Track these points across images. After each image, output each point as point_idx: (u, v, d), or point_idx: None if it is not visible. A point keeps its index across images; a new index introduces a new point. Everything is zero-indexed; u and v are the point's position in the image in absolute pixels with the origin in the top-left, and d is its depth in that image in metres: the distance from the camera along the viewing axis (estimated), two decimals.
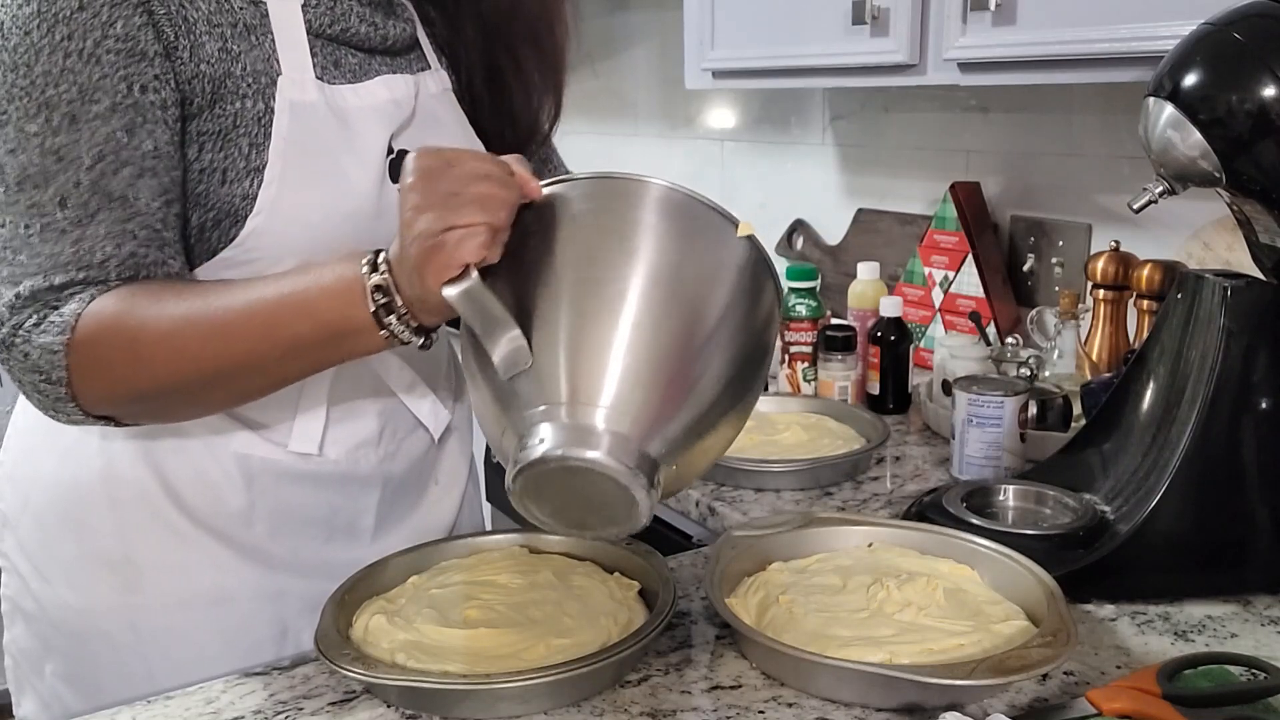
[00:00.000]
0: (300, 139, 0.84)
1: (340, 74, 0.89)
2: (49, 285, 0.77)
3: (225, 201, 0.83)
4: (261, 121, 0.83)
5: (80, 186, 0.77)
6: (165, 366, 0.79)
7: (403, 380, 0.98)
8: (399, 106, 0.92)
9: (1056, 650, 0.74)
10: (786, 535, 0.96)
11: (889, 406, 1.53)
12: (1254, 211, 0.93)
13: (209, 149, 0.82)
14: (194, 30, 0.80)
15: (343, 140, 0.87)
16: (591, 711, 0.78)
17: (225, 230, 0.84)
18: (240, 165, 0.83)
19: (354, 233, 0.86)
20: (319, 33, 0.88)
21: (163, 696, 0.81)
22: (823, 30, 1.53)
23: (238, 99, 0.82)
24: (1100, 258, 1.49)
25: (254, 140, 0.83)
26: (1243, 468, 0.94)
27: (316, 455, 0.93)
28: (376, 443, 0.97)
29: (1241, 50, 0.86)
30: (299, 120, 0.84)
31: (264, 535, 0.93)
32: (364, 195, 0.87)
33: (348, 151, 0.87)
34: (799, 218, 2.19)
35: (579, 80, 1.24)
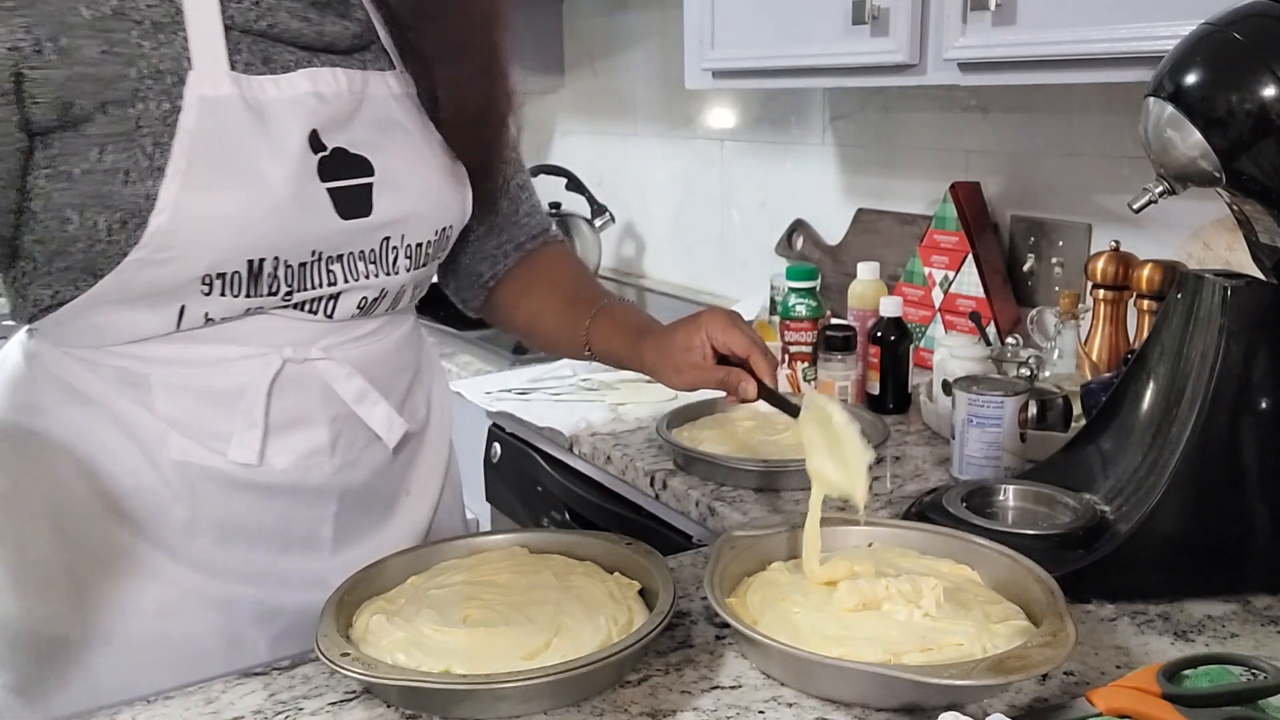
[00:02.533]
0: (209, 134, 0.82)
1: (269, 70, 0.87)
2: None
3: (129, 202, 0.81)
4: (167, 121, 0.81)
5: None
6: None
7: (351, 389, 0.95)
8: (324, 100, 0.88)
9: (1056, 650, 0.74)
10: (786, 535, 0.96)
11: (889, 406, 1.53)
12: (1254, 211, 0.93)
13: (111, 150, 0.81)
14: (69, 34, 0.78)
15: (258, 134, 0.84)
16: (591, 711, 0.78)
17: (131, 231, 0.82)
18: (143, 165, 0.81)
19: (273, 230, 0.85)
20: (246, 28, 0.86)
21: (162, 697, 0.81)
22: (823, 30, 1.53)
23: (139, 100, 0.81)
24: (1100, 258, 1.49)
25: (158, 140, 0.81)
26: (1243, 468, 0.94)
27: (257, 465, 0.91)
28: (330, 452, 0.95)
29: (1241, 50, 0.86)
30: (209, 115, 0.82)
31: (210, 545, 0.91)
32: (280, 190, 0.85)
33: (263, 146, 0.84)
34: (799, 218, 2.19)
35: (579, 80, 1.24)
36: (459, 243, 1.11)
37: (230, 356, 0.90)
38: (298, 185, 0.86)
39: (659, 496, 1.34)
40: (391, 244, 0.95)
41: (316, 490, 0.95)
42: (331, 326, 0.94)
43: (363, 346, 0.97)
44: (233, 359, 0.90)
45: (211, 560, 0.91)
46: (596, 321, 1.10)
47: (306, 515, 0.95)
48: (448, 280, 1.19)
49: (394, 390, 1.01)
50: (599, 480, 1.50)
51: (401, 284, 0.98)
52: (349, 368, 0.95)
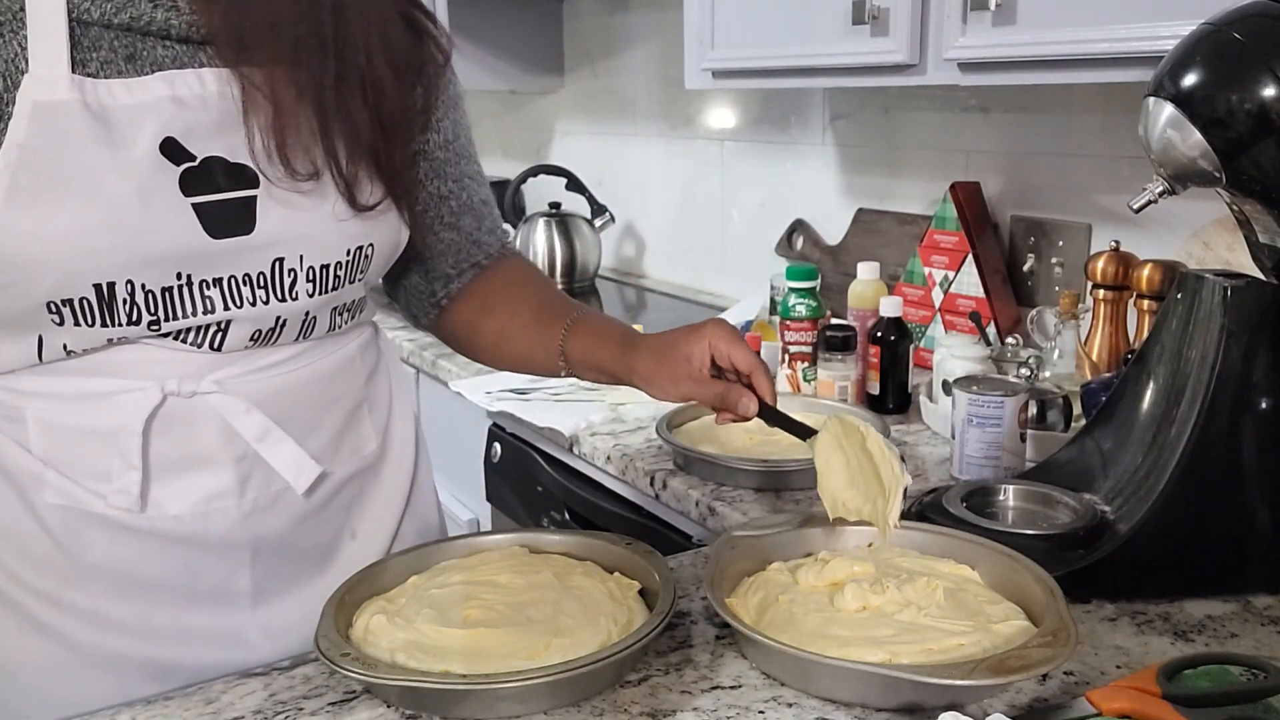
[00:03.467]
0: (41, 145, 0.74)
1: (132, 69, 0.77)
2: None
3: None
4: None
5: None
6: None
7: (251, 425, 0.86)
8: (183, 105, 0.78)
9: (1056, 650, 0.74)
10: (786, 535, 0.96)
11: (889, 406, 1.53)
12: (1254, 211, 0.93)
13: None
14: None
15: (99, 142, 0.75)
16: (591, 711, 0.78)
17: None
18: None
19: (121, 250, 0.76)
20: (105, 22, 0.77)
21: (162, 697, 0.81)
22: (823, 30, 1.53)
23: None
24: (1100, 258, 1.49)
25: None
26: (1243, 468, 0.94)
27: (139, 511, 0.83)
28: (236, 495, 0.86)
29: (1241, 50, 0.86)
30: (42, 123, 0.74)
31: (101, 597, 0.84)
32: (122, 204, 0.76)
33: (105, 155, 0.75)
34: (799, 218, 2.19)
35: (579, 80, 1.23)
36: (409, 260, 1.03)
37: (105, 390, 0.82)
38: (149, 199, 0.77)
39: (659, 496, 1.34)
40: (287, 266, 0.84)
41: (222, 539, 0.86)
42: (225, 359, 0.85)
43: (267, 379, 0.87)
44: (108, 393, 0.82)
45: (101, 613, 0.84)
46: (573, 333, 1.02)
47: (214, 566, 0.87)
48: (396, 294, 1.10)
49: (321, 425, 0.92)
50: (599, 480, 1.50)
51: (305, 310, 0.87)
52: (246, 402, 0.85)
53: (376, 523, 0.99)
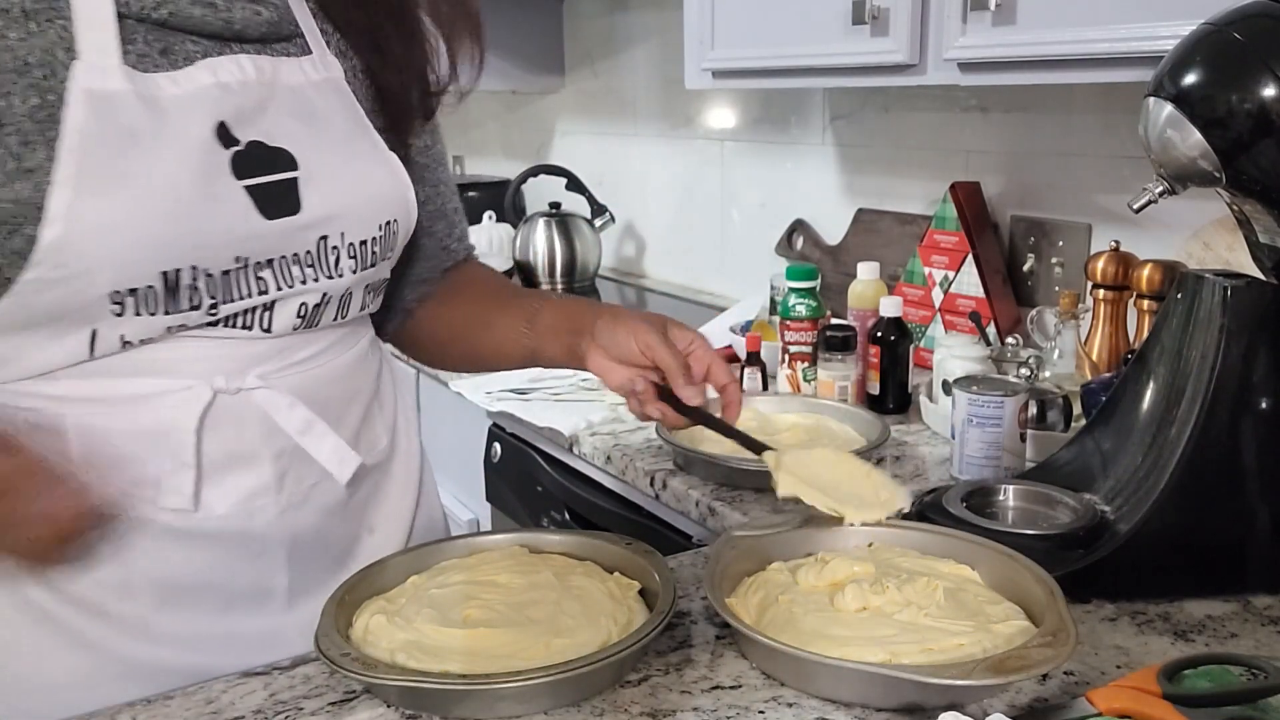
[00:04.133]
0: (101, 134, 0.74)
1: (167, 62, 0.78)
2: None
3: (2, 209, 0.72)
4: (36, 118, 0.73)
5: None
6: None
7: (295, 420, 0.87)
8: (228, 91, 0.80)
9: (1056, 650, 0.74)
10: (786, 535, 0.96)
11: (889, 406, 1.53)
12: (1254, 211, 0.93)
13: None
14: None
15: (156, 132, 0.76)
16: (591, 711, 0.78)
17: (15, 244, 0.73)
18: (10, 167, 0.72)
19: (186, 237, 0.77)
20: (142, 16, 0.78)
21: (162, 697, 0.81)
22: (823, 30, 1.53)
23: (3, 95, 0.72)
24: (1100, 258, 1.49)
25: (26, 138, 0.73)
26: (1243, 468, 0.94)
27: (193, 511, 0.82)
28: (275, 492, 0.86)
29: (1241, 50, 0.86)
30: (100, 113, 0.74)
31: (148, 608, 0.83)
32: (179, 192, 0.76)
33: (163, 144, 0.76)
34: (799, 218, 2.19)
35: (579, 80, 1.23)
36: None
37: (153, 391, 0.81)
38: (208, 185, 0.78)
39: (659, 496, 1.34)
40: (330, 243, 0.86)
41: (262, 536, 0.86)
42: (268, 350, 0.86)
43: (306, 371, 0.88)
44: (156, 394, 0.81)
45: (147, 623, 0.83)
46: (544, 310, 1.02)
47: (253, 566, 0.87)
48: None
49: (345, 420, 0.93)
50: (599, 480, 1.50)
51: (347, 287, 0.89)
52: (290, 396, 0.86)
53: (392, 518, 0.99)
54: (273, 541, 0.88)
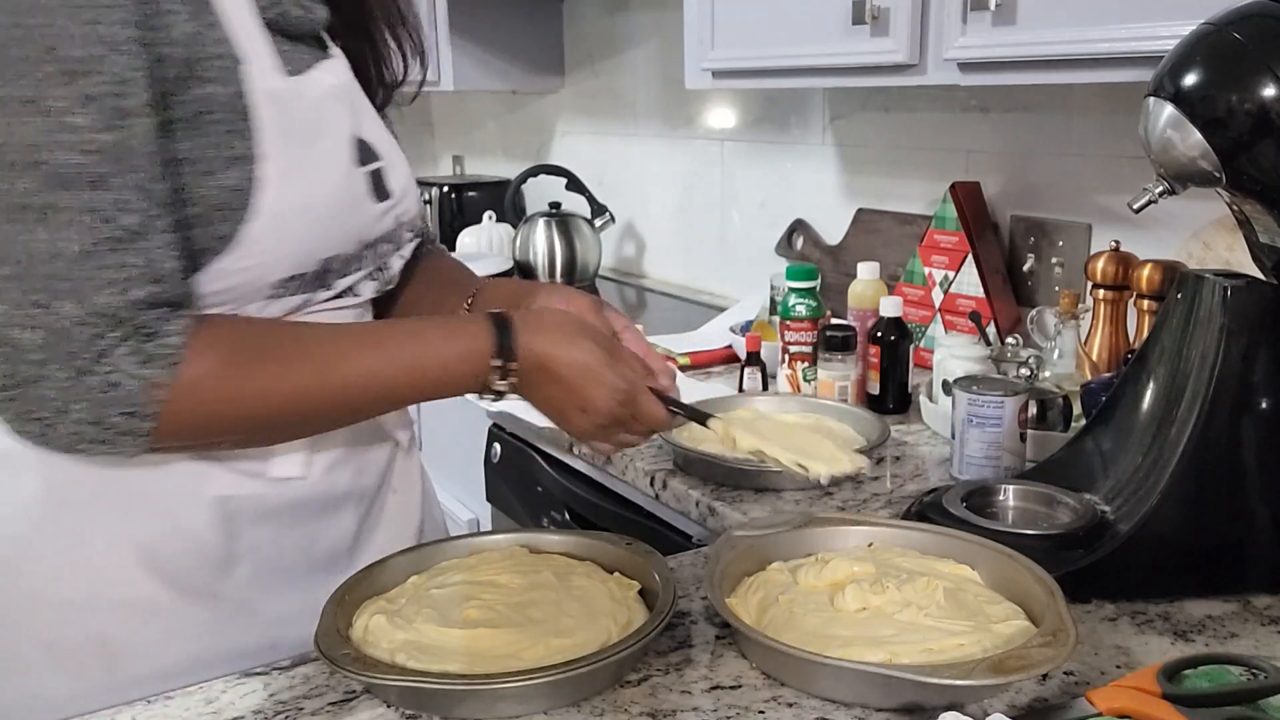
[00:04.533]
0: (285, 130, 0.79)
1: (288, 62, 0.82)
2: (126, 301, 0.70)
3: (210, 194, 0.76)
4: (235, 108, 0.76)
5: (136, 190, 0.71)
6: (275, 425, 0.80)
7: None
8: (345, 91, 0.87)
9: (1056, 650, 0.74)
10: (786, 535, 0.96)
11: (889, 406, 1.53)
12: (1254, 211, 0.93)
13: (183, 138, 0.75)
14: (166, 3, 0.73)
15: (315, 129, 0.82)
16: (591, 711, 0.78)
17: (212, 228, 0.76)
18: (215, 155, 0.76)
19: (335, 224, 0.83)
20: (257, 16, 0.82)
21: (163, 696, 0.81)
22: (823, 30, 1.53)
23: (203, 83, 0.75)
24: (1100, 258, 1.49)
25: (231, 127, 0.76)
26: (1243, 468, 0.94)
27: (300, 479, 0.88)
28: (348, 455, 0.92)
29: (1241, 50, 0.86)
30: (280, 110, 0.79)
31: (246, 582, 0.87)
32: (339, 185, 0.83)
33: (326, 140, 0.83)
34: (799, 218, 2.19)
35: (579, 80, 1.23)
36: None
37: None
38: (351, 176, 0.85)
39: (659, 496, 1.34)
40: (400, 221, 0.94)
41: (341, 498, 0.93)
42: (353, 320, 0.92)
43: None
44: None
45: (247, 599, 0.87)
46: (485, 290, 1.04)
47: (331, 529, 0.92)
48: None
49: None
50: (599, 480, 1.50)
51: (403, 256, 0.97)
52: None
53: (406, 479, 1.03)
54: (347, 502, 0.94)
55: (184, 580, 0.85)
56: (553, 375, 0.83)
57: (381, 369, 0.80)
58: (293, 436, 0.85)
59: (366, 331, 0.84)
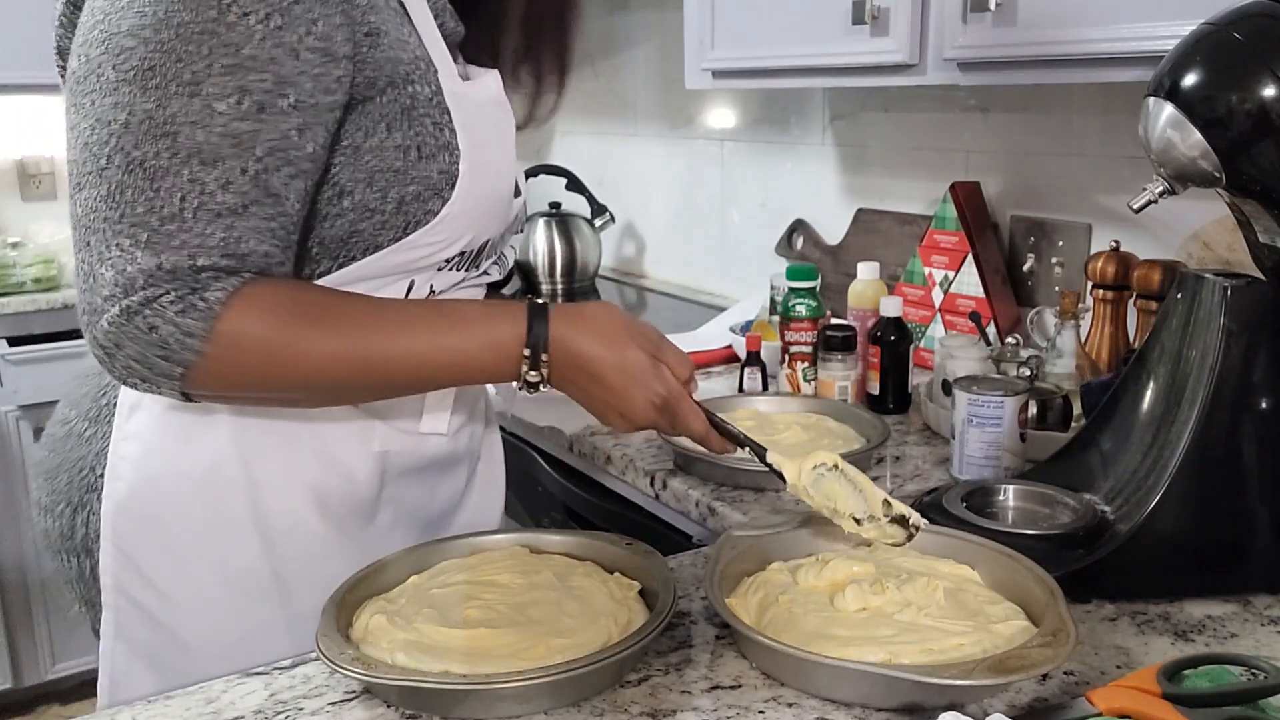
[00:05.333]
0: (471, 127, 0.89)
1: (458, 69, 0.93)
2: (193, 265, 0.77)
3: (424, 175, 0.86)
4: (433, 103, 0.87)
5: (245, 175, 0.78)
6: (301, 379, 0.82)
7: None
8: (504, 98, 0.97)
9: (1056, 650, 0.74)
10: (786, 535, 0.96)
11: (889, 406, 1.53)
12: (1254, 211, 0.93)
13: (398, 129, 0.85)
14: (380, 15, 0.84)
15: (490, 126, 0.92)
16: (591, 711, 0.78)
17: (424, 203, 0.86)
18: (432, 142, 0.86)
19: (497, 211, 0.93)
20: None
21: (163, 696, 0.81)
22: (823, 30, 1.53)
23: (410, 83, 0.86)
24: (1100, 258, 1.49)
25: (436, 120, 0.87)
26: (1243, 468, 0.94)
27: (446, 436, 0.97)
28: (468, 420, 1.02)
29: (1241, 50, 0.86)
30: (464, 110, 0.89)
31: (382, 529, 0.96)
32: (506, 177, 0.93)
33: (502, 138, 0.94)
34: (799, 218, 2.19)
35: (579, 80, 1.23)
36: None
37: None
38: (512, 170, 0.95)
39: (659, 496, 1.34)
40: (519, 218, 1.03)
41: (460, 457, 1.02)
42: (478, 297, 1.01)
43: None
44: None
45: (383, 546, 0.94)
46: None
47: (447, 486, 1.02)
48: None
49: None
50: (599, 480, 1.50)
51: (513, 251, 1.07)
52: None
53: (491, 446, 1.12)
54: (462, 462, 1.03)
55: (344, 523, 0.94)
56: (591, 375, 0.86)
57: (415, 347, 0.83)
58: (328, 402, 0.89)
59: (409, 308, 0.86)
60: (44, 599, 2.63)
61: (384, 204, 0.85)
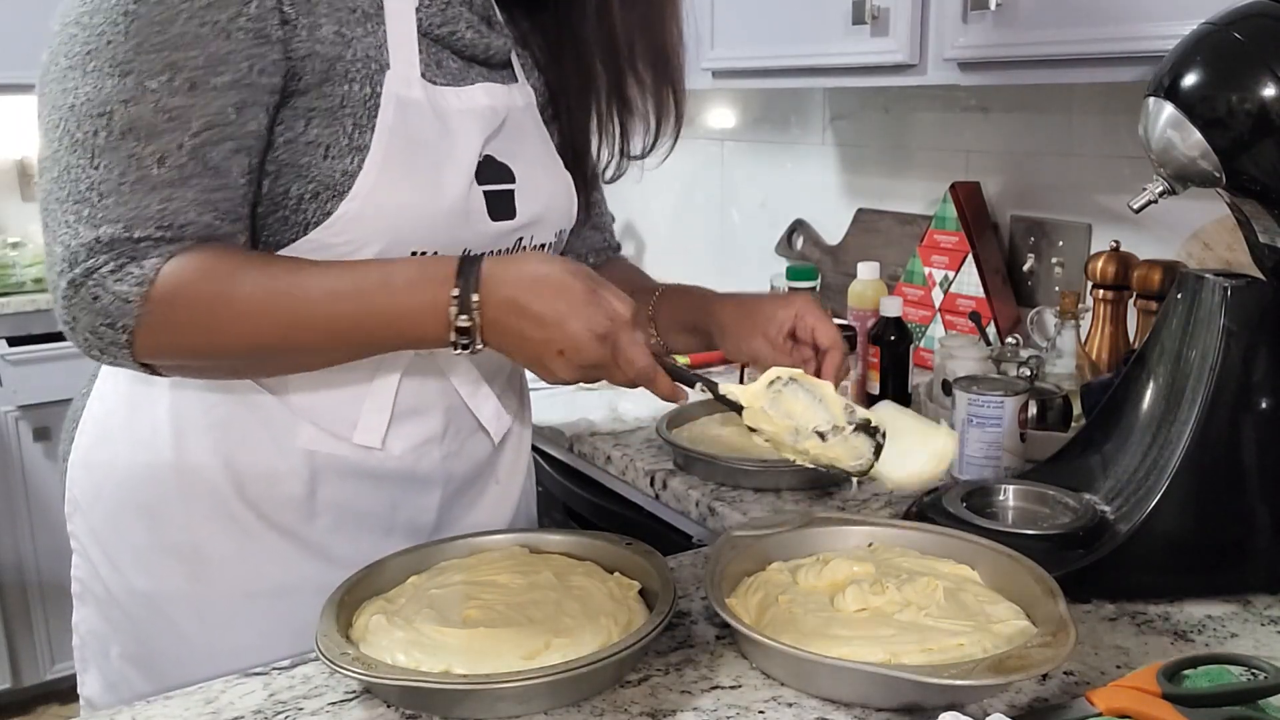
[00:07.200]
0: (402, 132, 0.87)
1: (441, 75, 0.91)
2: (129, 236, 0.79)
3: (325, 175, 0.85)
4: (366, 105, 0.86)
5: (182, 149, 0.79)
6: (234, 339, 0.83)
7: (468, 381, 0.99)
8: (495, 114, 0.94)
9: (1056, 650, 0.74)
10: (786, 535, 0.96)
11: None
12: (1254, 211, 0.93)
13: (316, 124, 0.85)
14: (314, 11, 0.83)
15: (442, 141, 0.89)
16: (591, 711, 0.78)
17: (322, 204, 0.85)
18: (343, 142, 0.85)
19: (439, 231, 0.89)
20: (426, 31, 0.90)
21: (162, 696, 0.81)
22: (823, 30, 1.53)
23: (346, 81, 0.85)
24: (1100, 258, 1.49)
25: (358, 121, 0.85)
26: (1243, 468, 0.94)
27: (379, 450, 0.94)
28: (440, 441, 0.98)
29: (1241, 50, 0.86)
30: (402, 115, 0.87)
31: (325, 530, 0.94)
32: (455, 197, 0.89)
33: (445, 151, 0.89)
34: (799, 218, 2.19)
35: None
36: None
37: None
38: (467, 189, 0.90)
39: (659, 496, 1.34)
40: (523, 244, 0.98)
41: (425, 478, 0.98)
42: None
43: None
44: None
45: (326, 546, 0.95)
46: (662, 299, 1.11)
47: (413, 502, 0.98)
48: None
49: (500, 383, 1.04)
50: (599, 480, 1.50)
51: None
52: (468, 361, 0.97)
53: (511, 472, 1.09)
54: (432, 483, 0.99)
55: (271, 515, 0.93)
56: (524, 311, 0.79)
57: (343, 288, 0.82)
58: (273, 366, 0.89)
59: (342, 262, 0.85)
60: (43, 599, 2.63)
61: (285, 199, 0.86)
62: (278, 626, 0.93)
